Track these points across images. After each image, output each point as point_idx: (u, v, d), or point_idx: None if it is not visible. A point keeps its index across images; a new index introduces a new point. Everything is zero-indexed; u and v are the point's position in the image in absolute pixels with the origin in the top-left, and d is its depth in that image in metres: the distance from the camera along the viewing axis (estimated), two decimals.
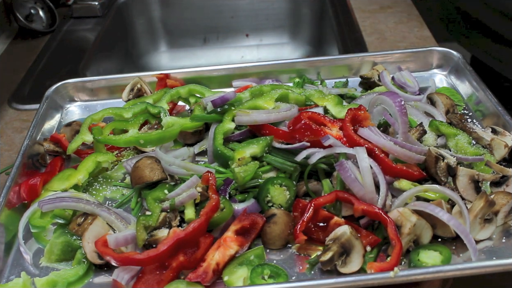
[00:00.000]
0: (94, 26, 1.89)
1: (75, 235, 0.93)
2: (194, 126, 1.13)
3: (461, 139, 1.08)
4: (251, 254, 0.89)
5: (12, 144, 1.30)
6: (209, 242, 0.89)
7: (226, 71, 1.35)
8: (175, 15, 2.13)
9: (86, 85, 1.36)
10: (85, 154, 1.13)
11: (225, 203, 0.94)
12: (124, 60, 1.99)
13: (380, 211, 0.89)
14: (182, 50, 2.18)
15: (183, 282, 0.84)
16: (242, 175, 0.95)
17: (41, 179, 1.03)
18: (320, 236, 0.91)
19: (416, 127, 1.10)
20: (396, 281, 0.80)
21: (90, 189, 1.07)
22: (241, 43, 2.17)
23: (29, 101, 1.46)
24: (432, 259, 0.85)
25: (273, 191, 0.96)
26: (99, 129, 1.13)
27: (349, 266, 0.84)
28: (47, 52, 1.74)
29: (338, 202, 0.95)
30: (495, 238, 0.91)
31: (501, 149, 1.04)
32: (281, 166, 1.00)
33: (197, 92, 1.23)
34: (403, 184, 0.96)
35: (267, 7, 2.11)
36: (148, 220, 0.91)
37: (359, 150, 0.95)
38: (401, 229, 0.88)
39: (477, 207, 0.90)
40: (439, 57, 1.38)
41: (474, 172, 0.98)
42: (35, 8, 1.91)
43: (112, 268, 0.88)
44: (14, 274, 0.91)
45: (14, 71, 1.63)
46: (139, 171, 0.99)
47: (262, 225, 0.92)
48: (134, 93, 1.28)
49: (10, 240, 0.97)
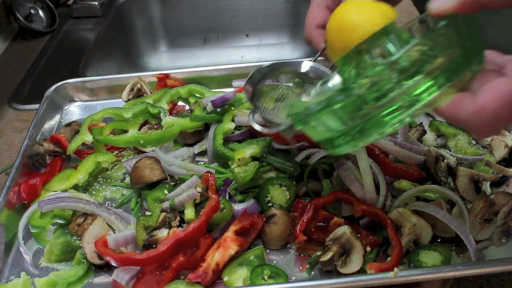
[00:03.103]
0: (94, 26, 1.89)
1: (75, 235, 0.93)
2: (194, 126, 1.13)
3: (461, 139, 1.08)
4: (251, 254, 0.89)
5: (12, 144, 1.30)
6: (209, 242, 0.89)
7: (226, 71, 1.35)
8: (175, 15, 2.13)
9: (86, 85, 1.35)
10: (85, 154, 1.13)
11: (225, 203, 0.94)
12: (124, 60, 1.99)
13: (380, 211, 0.89)
14: (182, 50, 2.18)
15: (183, 282, 0.84)
16: (242, 175, 0.95)
17: (41, 179, 1.03)
18: (320, 236, 0.91)
19: (416, 127, 1.10)
20: (396, 281, 0.80)
21: (90, 189, 1.07)
22: (241, 43, 2.16)
23: (29, 101, 1.46)
24: (432, 259, 0.85)
25: (273, 191, 0.96)
26: (99, 129, 1.13)
27: (349, 267, 0.84)
28: (47, 52, 1.73)
29: (338, 202, 0.95)
30: (495, 238, 0.91)
31: (501, 149, 1.04)
32: (281, 166, 1.00)
33: (197, 92, 1.23)
34: (403, 184, 0.96)
35: (267, 7, 2.11)
36: (148, 220, 0.91)
37: (359, 150, 0.95)
38: (401, 229, 0.88)
39: (477, 207, 0.90)
40: None
41: (474, 172, 0.98)
42: (35, 8, 1.90)
43: (112, 268, 0.88)
44: (14, 274, 0.91)
45: (14, 71, 1.63)
46: (139, 171, 0.99)
47: (262, 225, 0.92)
48: (134, 93, 1.28)
49: (10, 240, 0.96)
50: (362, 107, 0.62)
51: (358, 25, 0.72)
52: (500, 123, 0.60)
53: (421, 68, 0.60)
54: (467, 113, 0.60)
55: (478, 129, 0.62)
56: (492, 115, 0.59)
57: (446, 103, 0.62)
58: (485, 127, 0.60)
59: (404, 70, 0.60)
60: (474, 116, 0.60)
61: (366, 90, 0.61)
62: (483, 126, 0.60)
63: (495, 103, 0.58)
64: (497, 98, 0.58)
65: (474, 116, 0.60)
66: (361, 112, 0.63)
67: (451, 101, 0.62)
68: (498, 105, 0.58)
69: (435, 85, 0.61)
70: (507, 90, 0.58)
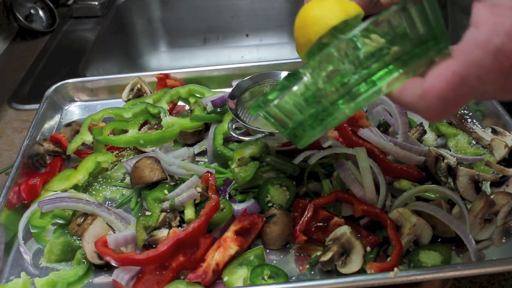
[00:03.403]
0: (94, 26, 1.89)
1: (75, 235, 0.93)
2: (194, 126, 1.14)
3: (461, 139, 1.08)
4: (251, 254, 0.89)
5: (12, 144, 1.30)
6: (209, 242, 0.89)
7: (226, 71, 1.35)
8: (175, 15, 2.13)
9: (86, 85, 1.35)
10: (85, 154, 1.13)
11: (225, 203, 0.94)
12: (124, 60, 1.99)
13: (380, 211, 0.89)
14: (182, 50, 2.18)
15: (183, 282, 0.84)
16: (242, 175, 0.95)
17: (41, 179, 1.03)
18: (320, 236, 0.91)
19: (416, 127, 1.10)
20: (396, 281, 0.80)
21: (90, 189, 1.07)
22: (241, 43, 2.17)
23: (29, 101, 1.46)
24: (432, 259, 0.85)
25: (273, 191, 0.96)
26: (99, 129, 1.13)
27: (349, 267, 0.84)
28: (47, 52, 1.73)
29: (338, 202, 0.95)
30: (495, 238, 0.91)
31: (501, 149, 1.04)
32: (281, 166, 1.00)
33: (197, 92, 1.23)
34: (403, 184, 0.96)
35: (267, 7, 2.11)
36: (148, 220, 0.91)
37: (359, 150, 0.95)
38: (401, 229, 0.88)
39: (477, 207, 0.90)
40: None
41: (474, 172, 0.98)
42: (35, 8, 1.90)
43: (112, 268, 0.88)
44: (14, 274, 0.91)
45: (14, 71, 1.63)
46: (139, 171, 0.99)
47: (262, 225, 0.92)
48: (134, 93, 1.28)
49: (10, 240, 0.96)
50: (317, 92, 0.64)
51: (319, 19, 0.74)
52: (447, 106, 0.59)
53: (376, 55, 0.61)
54: (415, 96, 0.60)
55: (426, 113, 0.61)
56: (437, 97, 0.58)
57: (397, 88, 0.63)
58: (432, 110, 0.60)
59: (357, 55, 0.61)
60: (421, 99, 0.60)
61: (319, 74, 0.62)
62: (430, 109, 0.60)
63: (440, 85, 0.57)
64: (443, 80, 0.57)
65: (421, 99, 0.59)
66: (316, 97, 0.64)
67: (401, 85, 0.62)
68: (443, 87, 0.57)
69: (389, 71, 0.61)
70: (452, 72, 0.57)
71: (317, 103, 0.64)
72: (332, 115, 0.65)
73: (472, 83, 0.56)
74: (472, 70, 0.56)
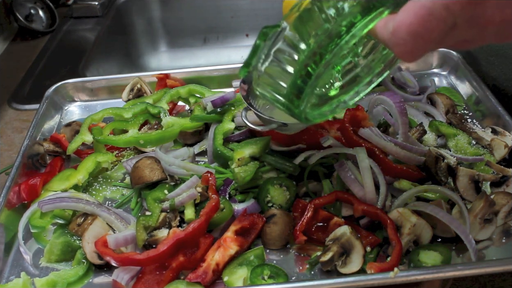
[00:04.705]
0: (94, 26, 1.89)
1: (75, 235, 0.93)
2: (194, 126, 1.14)
3: (461, 139, 1.08)
4: (251, 254, 0.89)
5: (12, 144, 1.30)
6: (209, 242, 0.89)
7: (226, 71, 1.35)
8: (175, 15, 2.13)
9: (86, 85, 1.36)
10: (85, 154, 1.13)
11: (225, 203, 0.94)
12: (124, 60, 1.99)
13: (380, 211, 0.89)
14: (182, 50, 2.18)
15: (183, 282, 0.84)
16: (242, 175, 0.95)
17: (41, 179, 1.03)
18: (320, 236, 0.91)
19: (416, 127, 1.10)
20: (396, 281, 0.80)
21: (90, 189, 1.07)
22: (241, 43, 2.16)
23: (29, 101, 1.46)
24: (432, 259, 0.85)
25: (273, 191, 0.96)
26: (99, 129, 1.13)
27: (349, 267, 0.84)
28: (47, 52, 1.73)
29: (338, 202, 0.95)
30: (495, 238, 0.91)
31: (501, 149, 1.04)
32: (281, 166, 1.00)
33: (197, 92, 1.23)
34: (403, 184, 0.96)
35: (267, 7, 2.11)
36: (148, 220, 0.91)
37: (359, 150, 0.95)
38: (401, 229, 0.88)
39: (477, 207, 0.90)
40: (439, 57, 1.38)
41: (474, 172, 0.98)
42: (35, 8, 1.90)
43: (112, 268, 0.88)
44: (14, 274, 0.91)
45: (14, 71, 1.63)
46: (139, 171, 0.99)
47: (262, 225, 0.92)
48: (134, 93, 1.28)
49: (10, 240, 0.96)
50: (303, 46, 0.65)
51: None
52: (418, 40, 0.59)
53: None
54: (387, 32, 0.61)
55: (397, 48, 0.61)
56: (407, 32, 0.58)
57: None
58: (403, 45, 0.60)
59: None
60: (392, 35, 0.60)
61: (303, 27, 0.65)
62: (401, 45, 0.60)
63: (409, 19, 0.58)
64: (411, 14, 0.58)
65: (392, 34, 0.60)
66: (303, 52, 0.66)
67: (378, 22, 0.63)
68: (411, 20, 0.58)
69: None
70: (421, 6, 0.57)
71: (305, 58, 0.66)
72: (318, 68, 0.66)
73: (439, 14, 0.56)
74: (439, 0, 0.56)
